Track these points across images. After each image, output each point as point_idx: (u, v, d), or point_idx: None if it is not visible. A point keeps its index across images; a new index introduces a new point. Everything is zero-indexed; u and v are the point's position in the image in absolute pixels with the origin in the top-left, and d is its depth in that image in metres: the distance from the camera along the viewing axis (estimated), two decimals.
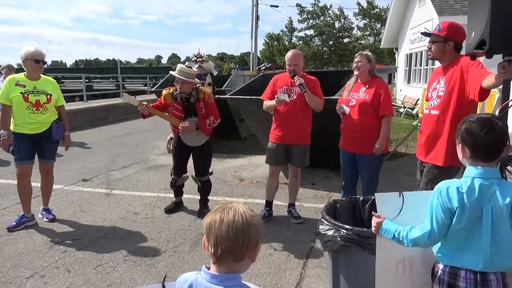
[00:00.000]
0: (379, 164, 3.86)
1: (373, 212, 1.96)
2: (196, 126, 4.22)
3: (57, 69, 38.09)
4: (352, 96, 3.83)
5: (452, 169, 3.00)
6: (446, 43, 2.93)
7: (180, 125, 4.21)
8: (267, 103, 4.21)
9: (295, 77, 4.03)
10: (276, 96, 4.04)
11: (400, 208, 1.91)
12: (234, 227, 1.22)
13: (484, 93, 2.62)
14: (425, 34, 3.18)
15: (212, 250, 1.25)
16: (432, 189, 2.93)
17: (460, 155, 1.79)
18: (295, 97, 4.06)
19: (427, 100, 3.23)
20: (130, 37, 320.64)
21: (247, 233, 1.23)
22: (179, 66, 4.25)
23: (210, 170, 4.59)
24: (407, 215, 1.89)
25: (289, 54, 4.18)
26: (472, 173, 1.67)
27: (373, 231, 1.93)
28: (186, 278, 1.34)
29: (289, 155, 4.21)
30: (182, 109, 4.29)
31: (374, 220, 1.92)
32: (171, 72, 4.41)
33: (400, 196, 1.93)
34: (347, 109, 3.81)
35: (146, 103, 4.25)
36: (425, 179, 3.05)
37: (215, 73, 7.36)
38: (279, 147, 4.18)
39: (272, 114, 4.25)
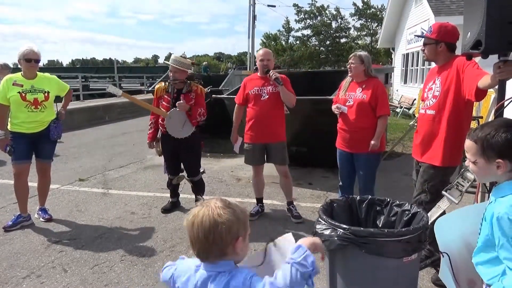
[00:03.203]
0: (376, 163, 3.87)
1: None
2: (189, 107, 4.16)
3: (54, 69, 37.95)
4: (349, 96, 3.84)
5: (448, 169, 3.01)
6: (438, 45, 2.97)
7: (177, 103, 4.15)
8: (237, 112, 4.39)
9: (270, 72, 4.07)
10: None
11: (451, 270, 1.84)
12: (203, 229, 1.26)
13: (480, 93, 2.63)
14: (418, 36, 3.20)
15: (193, 250, 1.31)
16: (428, 189, 2.96)
17: (497, 172, 1.56)
18: (267, 96, 4.12)
19: (422, 100, 3.24)
20: (126, 36, 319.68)
21: (216, 233, 1.25)
22: (173, 56, 4.27)
23: (202, 169, 4.59)
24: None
25: (260, 51, 4.28)
26: None
27: None
28: (187, 268, 1.38)
29: (267, 154, 4.26)
30: (170, 100, 4.26)
31: None
32: (165, 61, 4.45)
33: (444, 256, 1.87)
34: (345, 109, 3.83)
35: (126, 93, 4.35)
36: (421, 179, 3.06)
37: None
38: (255, 147, 4.24)
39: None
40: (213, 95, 6.69)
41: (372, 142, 3.67)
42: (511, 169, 1.53)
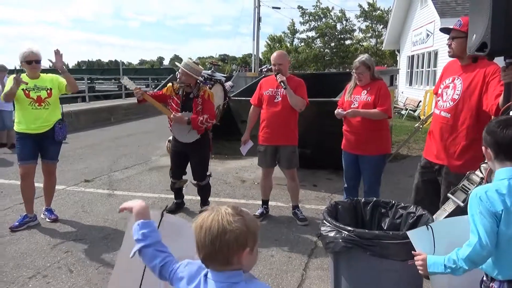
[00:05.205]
0: (381, 165, 3.86)
1: (413, 252, 1.84)
2: (187, 120, 4.14)
3: None
4: (354, 98, 3.83)
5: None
6: None
7: (172, 115, 4.18)
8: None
9: (277, 75, 4.11)
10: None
11: (432, 242, 1.83)
12: (210, 234, 1.23)
13: (499, 111, 2.48)
14: (444, 29, 2.90)
15: (198, 254, 1.28)
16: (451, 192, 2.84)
17: (487, 158, 1.73)
18: (280, 98, 4.15)
19: (435, 93, 3.07)
20: (130, 37, 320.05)
21: (223, 240, 1.21)
22: (186, 59, 4.28)
23: (208, 172, 4.60)
24: (442, 247, 1.80)
25: (274, 54, 4.29)
26: (504, 174, 1.58)
27: (420, 272, 1.77)
28: (194, 273, 1.35)
29: (277, 157, 4.27)
30: (179, 103, 4.27)
31: (418, 259, 1.78)
32: (176, 63, 4.47)
33: (428, 229, 1.85)
34: (342, 112, 3.82)
35: (140, 88, 4.30)
36: (445, 182, 2.83)
37: (227, 86, 7.33)
38: (268, 149, 4.27)
39: None
40: (231, 97, 6.76)
41: (349, 111, 3.67)
42: (496, 157, 1.65)
